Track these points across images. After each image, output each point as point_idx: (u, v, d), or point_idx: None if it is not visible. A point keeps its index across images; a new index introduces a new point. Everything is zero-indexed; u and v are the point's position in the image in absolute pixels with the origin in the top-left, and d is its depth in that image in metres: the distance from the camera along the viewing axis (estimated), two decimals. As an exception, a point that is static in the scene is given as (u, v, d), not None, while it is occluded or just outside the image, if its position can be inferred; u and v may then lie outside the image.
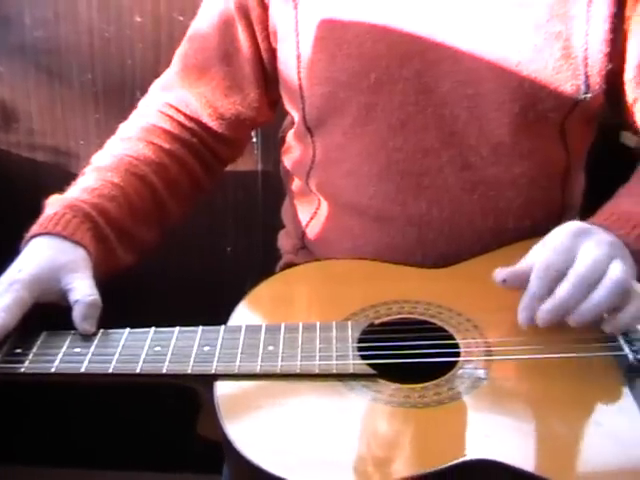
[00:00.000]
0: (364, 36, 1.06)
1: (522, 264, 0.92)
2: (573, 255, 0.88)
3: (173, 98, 1.22)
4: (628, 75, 1.06)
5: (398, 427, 0.82)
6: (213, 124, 1.22)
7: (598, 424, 0.82)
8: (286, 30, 1.12)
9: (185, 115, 1.21)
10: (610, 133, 1.47)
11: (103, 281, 1.03)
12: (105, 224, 1.06)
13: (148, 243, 1.16)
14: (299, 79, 1.12)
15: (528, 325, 0.90)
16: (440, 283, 1.02)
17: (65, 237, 1.00)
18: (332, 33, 1.09)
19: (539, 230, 0.97)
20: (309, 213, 1.22)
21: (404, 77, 1.06)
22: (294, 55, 1.12)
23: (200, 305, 1.78)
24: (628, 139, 1.50)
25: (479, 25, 1.04)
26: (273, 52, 1.17)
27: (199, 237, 1.84)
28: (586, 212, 1.05)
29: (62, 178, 1.13)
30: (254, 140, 1.73)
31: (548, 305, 0.88)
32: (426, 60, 1.05)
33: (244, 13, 1.15)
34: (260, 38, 1.16)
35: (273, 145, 1.67)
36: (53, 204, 1.06)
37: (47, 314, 0.98)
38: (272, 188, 1.75)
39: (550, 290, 0.88)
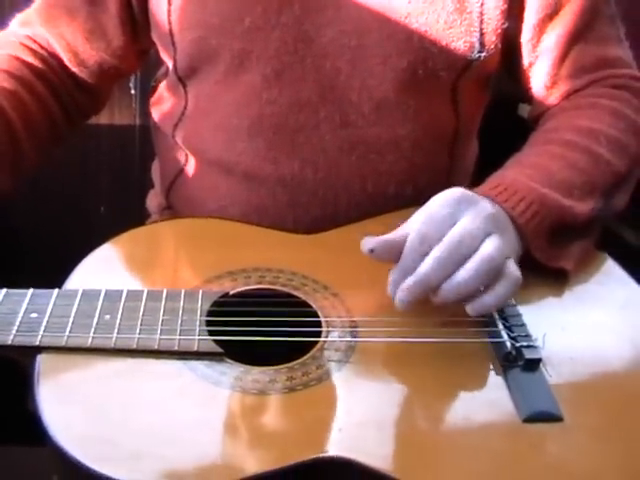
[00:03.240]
0: None
1: (396, 233, 0.83)
2: (450, 225, 0.80)
3: (32, 33, 1.10)
4: (525, 36, 1.02)
5: (240, 417, 0.72)
6: (75, 70, 1.10)
7: (467, 418, 0.73)
8: None
9: (46, 51, 1.09)
10: (508, 105, 1.44)
11: None
12: None
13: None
14: (169, 23, 1.02)
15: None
16: (308, 251, 0.93)
17: None
18: None
19: (422, 198, 0.88)
20: (175, 170, 1.13)
21: (282, 23, 0.97)
22: None
23: (67, 267, 1.67)
24: (525, 111, 1.44)
25: None
26: None
27: (71, 195, 1.71)
28: (477, 185, 0.97)
29: None
30: (132, 92, 1.61)
31: (408, 281, 0.79)
32: (307, 6, 0.97)
33: None
34: None
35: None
36: None
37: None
38: (151, 145, 1.64)
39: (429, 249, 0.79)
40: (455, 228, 0.80)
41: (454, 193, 0.84)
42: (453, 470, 0.69)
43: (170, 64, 1.08)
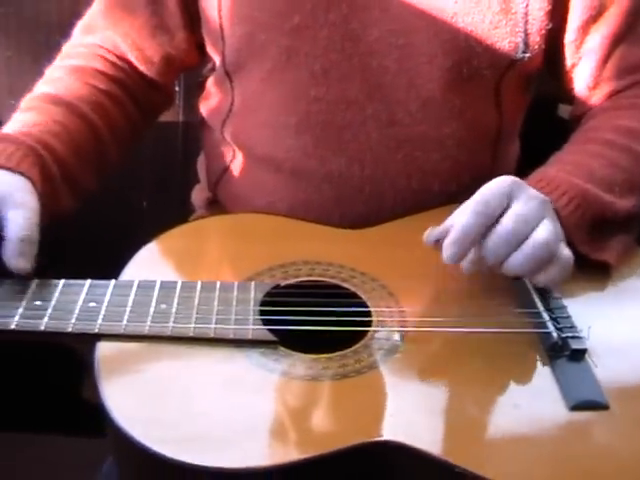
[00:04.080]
0: None
1: (451, 220, 0.85)
2: (508, 201, 0.83)
3: (99, 39, 1.13)
4: (569, 37, 1.03)
5: (295, 402, 0.74)
6: (142, 68, 1.14)
7: (516, 406, 0.75)
8: None
9: (115, 55, 1.13)
10: (548, 105, 1.44)
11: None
12: (52, 161, 0.97)
13: (88, 188, 1.07)
14: (220, 17, 1.04)
15: (446, 294, 0.85)
16: (356, 245, 0.95)
17: (9, 169, 0.90)
18: None
19: (465, 195, 0.90)
20: (223, 165, 1.15)
21: (330, 22, 0.99)
22: None
23: (112, 260, 1.70)
24: (565, 112, 1.45)
25: None
26: None
27: (115, 189, 1.74)
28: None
29: None
30: (176, 89, 1.63)
31: (472, 255, 0.83)
32: (354, 5, 0.98)
33: None
34: None
35: (197, 96, 1.59)
36: None
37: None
38: (193, 141, 1.67)
39: (485, 228, 0.82)
40: (514, 208, 0.82)
41: (505, 180, 0.86)
42: (502, 456, 0.71)
43: (218, 59, 1.10)
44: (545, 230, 0.82)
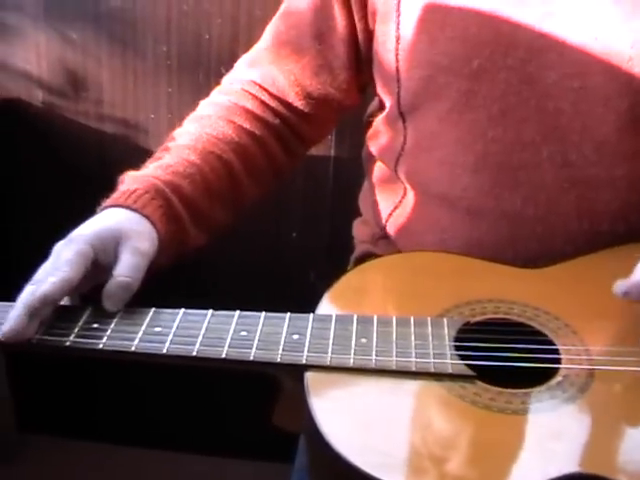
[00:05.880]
0: (469, 20, 1.03)
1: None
2: None
3: (259, 75, 1.19)
4: None
5: (500, 436, 0.78)
6: (299, 103, 1.19)
7: None
8: (387, 10, 1.09)
9: (270, 94, 1.19)
10: None
11: (174, 261, 1.02)
12: (178, 202, 1.03)
13: (221, 224, 1.13)
14: (397, 61, 1.08)
15: (631, 334, 0.87)
16: (535, 284, 0.98)
17: (135, 210, 0.98)
18: (435, 15, 1.05)
19: (633, 234, 0.93)
20: (393, 202, 1.19)
21: (508, 65, 1.02)
22: (393, 36, 1.08)
23: (261, 289, 1.77)
24: None
25: (590, 15, 0.99)
26: (369, 33, 1.13)
27: (265, 220, 1.81)
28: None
29: (129, 151, 1.11)
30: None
31: None
32: (532, 49, 1.01)
33: None
34: (357, 18, 1.13)
35: (349, 131, 1.65)
36: (126, 181, 1.04)
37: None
38: (344, 175, 1.73)
39: None
40: None
41: None
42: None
43: (390, 100, 1.14)
44: None
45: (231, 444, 1.99)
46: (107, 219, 0.97)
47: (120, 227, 0.96)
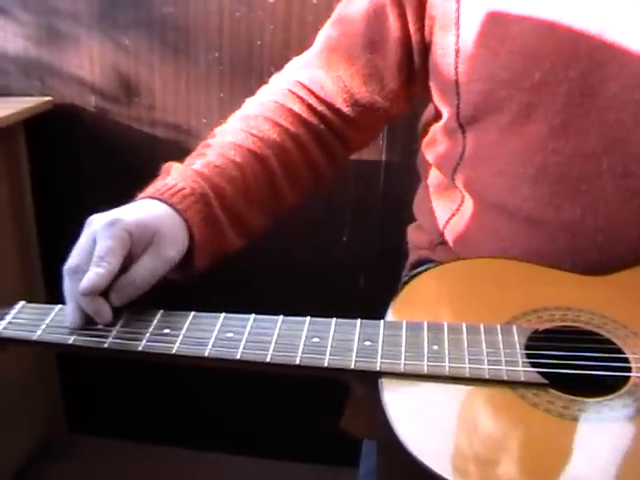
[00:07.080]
0: (529, 33, 1.04)
1: None
2: None
3: (308, 78, 1.21)
4: None
5: (577, 445, 0.79)
6: (346, 110, 1.21)
7: None
8: (445, 23, 1.10)
9: (317, 98, 1.20)
10: None
11: (213, 262, 1.04)
12: (220, 208, 1.05)
13: (258, 228, 1.15)
14: (456, 74, 1.10)
15: None
16: (600, 292, 0.99)
17: (177, 210, 1.00)
18: (495, 28, 1.06)
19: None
20: (450, 209, 1.20)
21: (569, 78, 1.03)
22: (453, 49, 1.09)
23: (310, 293, 1.79)
24: None
25: None
26: (426, 45, 1.15)
27: (316, 224, 1.83)
28: None
29: (181, 156, 1.13)
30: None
31: None
32: (593, 61, 1.02)
33: (398, 2, 1.14)
34: (413, 30, 1.14)
35: (400, 136, 1.67)
36: (172, 173, 1.05)
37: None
38: (395, 180, 1.75)
39: None
40: None
41: None
42: None
43: (449, 111, 1.15)
44: None
45: (295, 447, 2.01)
46: (149, 210, 0.99)
47: (159, 225, 0.97)
